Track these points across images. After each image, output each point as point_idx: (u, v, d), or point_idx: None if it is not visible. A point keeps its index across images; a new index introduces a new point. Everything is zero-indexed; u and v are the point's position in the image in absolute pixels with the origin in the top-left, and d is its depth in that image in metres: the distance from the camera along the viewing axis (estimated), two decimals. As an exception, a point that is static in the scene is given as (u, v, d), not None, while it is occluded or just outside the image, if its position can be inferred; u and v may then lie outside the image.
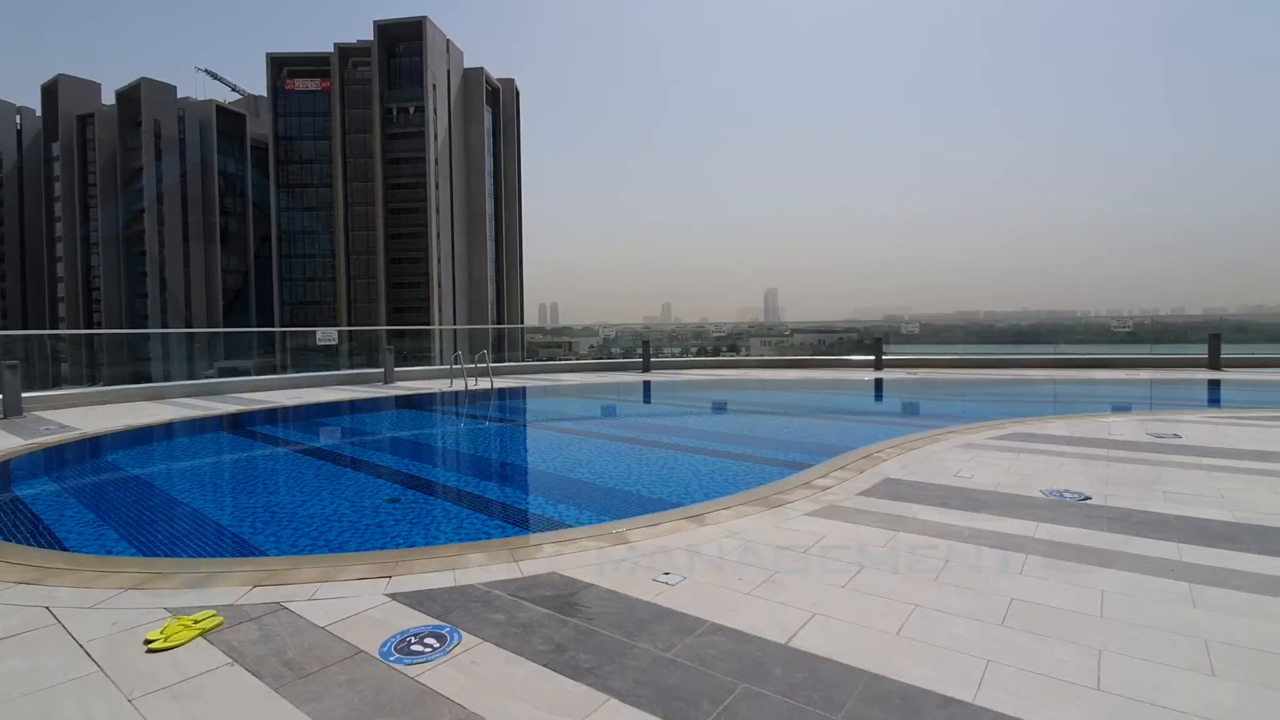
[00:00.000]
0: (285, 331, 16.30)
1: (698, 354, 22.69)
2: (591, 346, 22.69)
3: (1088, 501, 4.55)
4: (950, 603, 2.98)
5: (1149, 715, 2.13)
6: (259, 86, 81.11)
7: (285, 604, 3.05)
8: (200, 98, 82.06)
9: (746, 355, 22.01)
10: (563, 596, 3.09)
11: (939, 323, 23.04)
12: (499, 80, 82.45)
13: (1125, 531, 3.92)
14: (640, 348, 18.50)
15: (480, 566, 3.47)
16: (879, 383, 14.66)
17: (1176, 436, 6.91)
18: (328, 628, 2.80)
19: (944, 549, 3.67)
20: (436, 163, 71.56)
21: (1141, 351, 17.11)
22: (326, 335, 15.64)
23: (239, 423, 9.80)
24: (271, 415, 10.51)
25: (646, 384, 15.15)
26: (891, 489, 4.99)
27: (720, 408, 12.36)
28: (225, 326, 72.16)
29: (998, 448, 6.47)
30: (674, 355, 21.79)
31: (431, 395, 12.86)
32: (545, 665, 2.49)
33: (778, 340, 23.40)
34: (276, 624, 2.85)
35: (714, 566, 3.45)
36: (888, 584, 3.20)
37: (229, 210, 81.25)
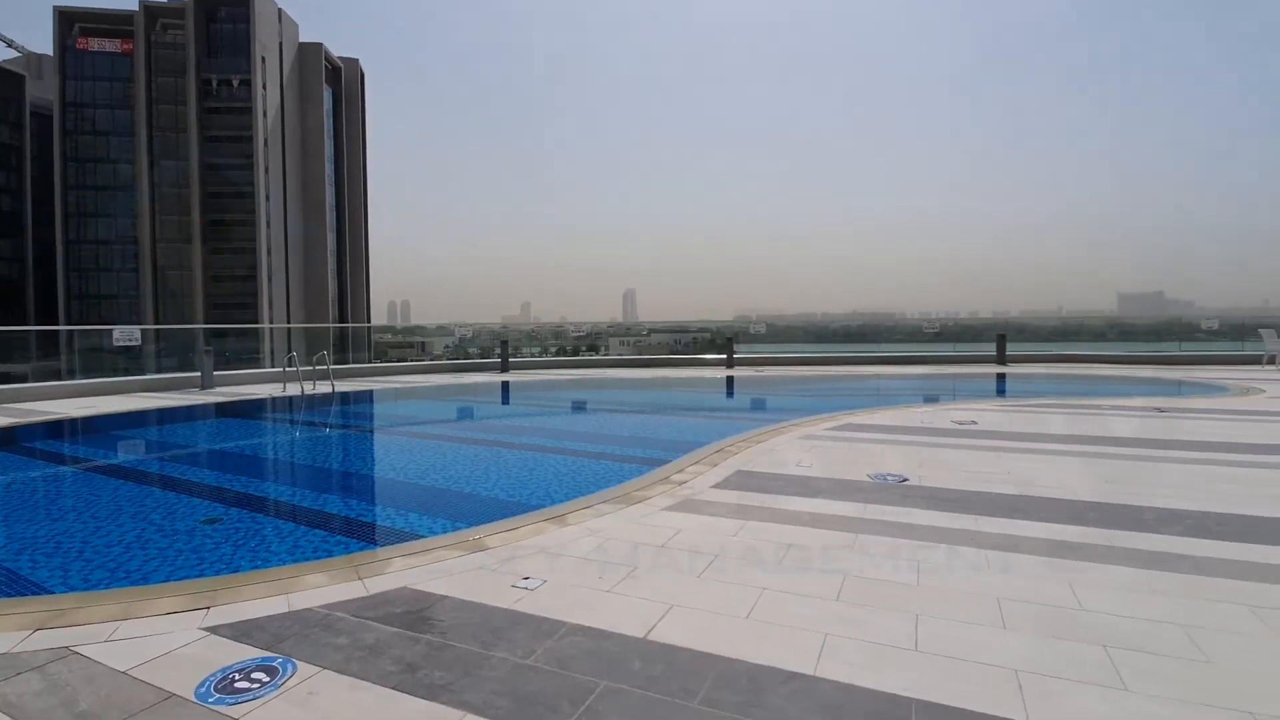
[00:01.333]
0: (72, 330, 13.92)
1: (557, 354, 22.58)
2: (446, 347, 21.76)
3: (906, 483, 5.12)
4: (793, 584, 3.21)
5: (955, 668, 2.43)
6: (43, 44, 68.65)
7: (76, 647, 2.60)
8: (-46, 48, 67.88)
9: (605, 355, 22.28)
10: (414, 612, 2.92)
11: (782, 323, 24.82)
12: (341, 59, 76.47)
13: (935, 508, 4.45)
14: (498, 348, 18.05)
15: (319, 588, 3.18)
16: (730, 380, 15.47)
17: (974, 423, 7.98)
18: (130, 671, 2.42)
19: (788, 534, 3.94)
20: (266, 143, 64.81)
21: (946, 350, 19.60)
22: (126, 335, 13.57)
23: (12, 438, 8.23)
24: (55, 428, 8.94)
25: (505, 385, 14.82)
26: (742, 480, 5.28)
27: (580, 407, 12.39)
28: (-10, 324, 60.31)
29: (832, 438, 7.08)
30: (533, 355, 21.51)
31: (260, 401, 11.63)
32: (394, 688, 2.33)
33: (636, 340, 23.92)
34: (65, 671, 2.42)
35: (574, 567, 3.44)
36: (739, 571, 3.37)
37: (1, 186, 67.97)
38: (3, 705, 2.20)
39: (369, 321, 73.75)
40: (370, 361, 18.39)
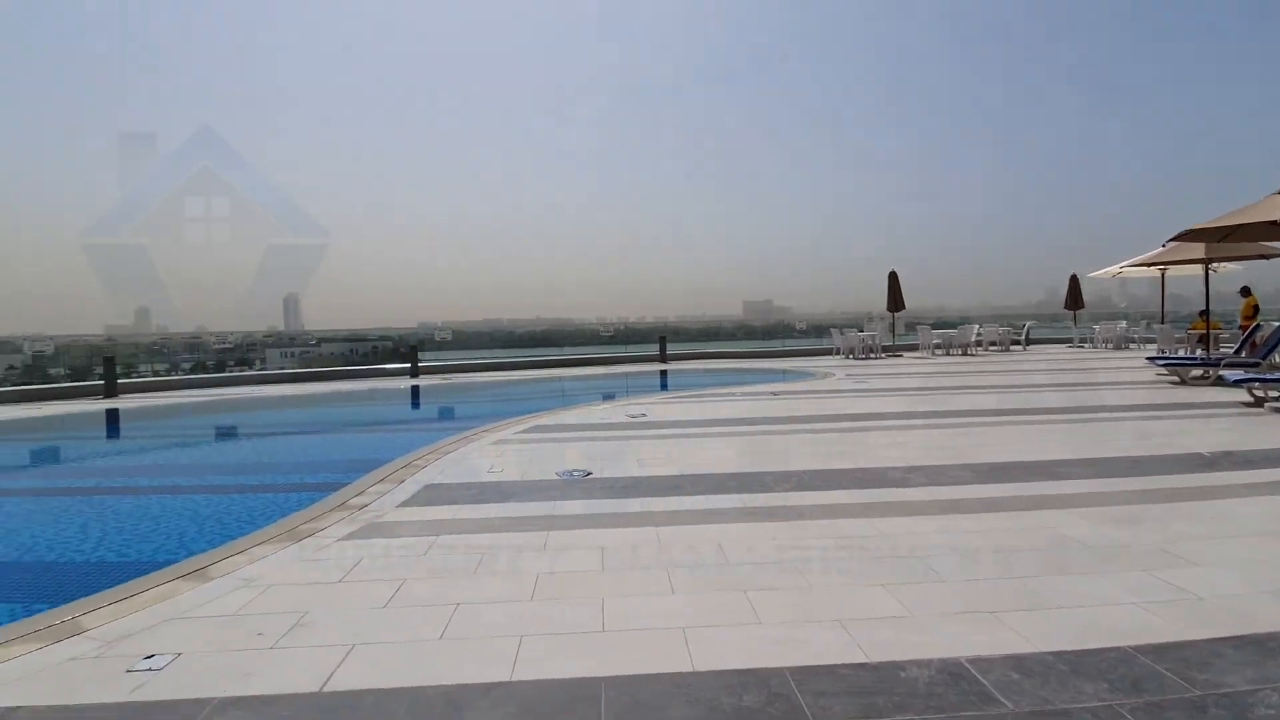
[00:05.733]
0: None
1: (194, 370, 18.63)
2: (12, 368, 16.18)
3: (590, 476, 5.49)
4: (487, 592, 3.16)
5: (636, 639, 2.66)
6: None
7: None
8: None
9: (263, 369, 19.16)
10: (-42, 743, 2.07)
11: (470, 329, 24.56)
12: None
13: (614, 495, 4.86)
14: (101, 366, 14.10)
15: None
16: (416, 390, 14.71)
17: (644, 415, 8.97)
18: None
19: (482, 543, 3.88)
20: None
21: (619, 350, 21.71)
22: None
23: None
24: None
25: (113, 412, 11.69)
26: (432, 494, 5.03)
27: (228, 433, 10.43)
28: None
29: (521, 441, 7.23)
30: (158, 374, 17.38)
31: None
32: None
33: (303, 351, 21.10)
34: None
35: (222, 628, 2.85)
36: (431, 591, 3.20)
37: None
38: None
39: None
40: None
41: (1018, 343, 21.48)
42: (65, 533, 5.10)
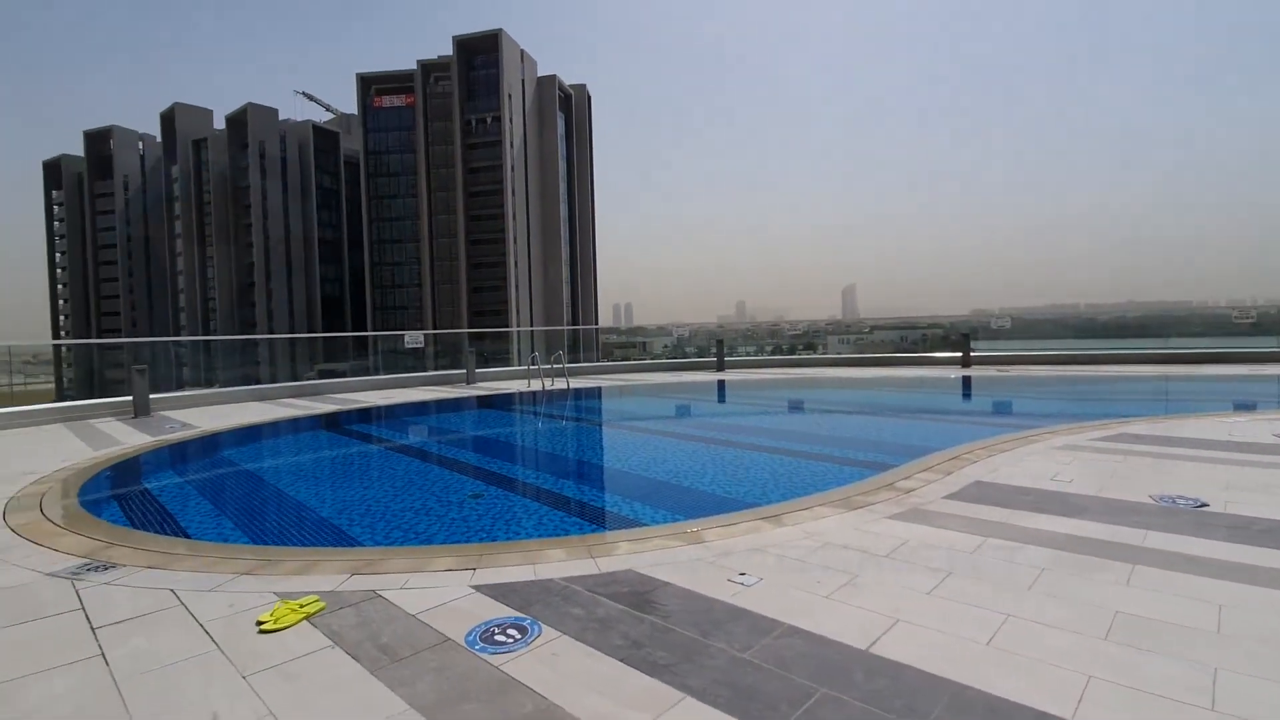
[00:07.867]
0: (377, 336, 17.23)
1: (773, 353, 22.31)
2: (665, 346, 22.73)
3: (1205, 509, 4.18)
4: (1047, 614, 2.82)
5: (1278, 744, 1.94)
6: (351, 105, 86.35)
7: (380, 592, 3.25)
8: (299, 119, 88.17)
9: (824, 354, 21.46)
10: (639, 594, 3.13)
11: (1031, 316, 21.66)
12: (570, 87, 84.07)
13: (1246, 541, 3.58)
14: (714, 347, 18.39)
15: (559, 562, 3.57)
16: (966, 381, 13.95)
17: (1314, 439, 6.22)
18: (418, 616, 2.96)
19: (1040, 556, 3.47)
20: (513, 170, 73.77)
21: (1269, 345, 15.48)
22: (414, 339, 16.44)
23: (336, 421, 10.46)
24: (365, 414, 11.16)
25: (721, 383, 15.06)
26: (981, 492, 4.75)
27: (797, 407, 12.12)
28: (324, 332, 77.00)
29: (1101, 449, 6.03)
30: (749, 354, 21.53)
31: (510, 395, 13.28)
32: (622, 660, 2.53)
33: (856, 338, 22.64)
34: (372, 611, 3.04)
35: (791, 568, 3.40)
36: (977, 592, 3.06)
37: (326, 223, 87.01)
38: (329, 633, 2.83)
39: (596, 323, 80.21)
40: (598, 360, 19.95)
41: None
42: (691, 467, 6.94)
